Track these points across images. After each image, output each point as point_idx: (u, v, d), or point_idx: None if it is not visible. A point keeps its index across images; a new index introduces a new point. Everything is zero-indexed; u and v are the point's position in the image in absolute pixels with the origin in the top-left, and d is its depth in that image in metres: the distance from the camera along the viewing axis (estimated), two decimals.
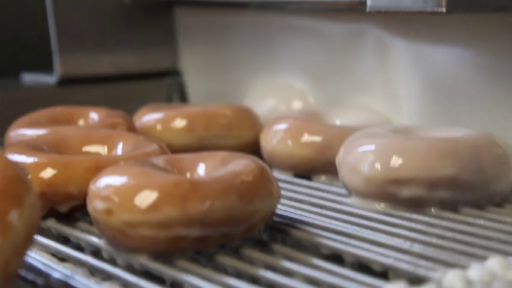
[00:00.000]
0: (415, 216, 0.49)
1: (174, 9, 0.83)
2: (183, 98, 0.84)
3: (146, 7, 0.81)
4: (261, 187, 0.45)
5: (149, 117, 0.64)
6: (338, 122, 0.63)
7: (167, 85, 0.84)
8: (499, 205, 0.50)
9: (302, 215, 0.50)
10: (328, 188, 0.56)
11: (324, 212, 0.51)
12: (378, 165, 0.50)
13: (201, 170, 0.47)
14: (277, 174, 0.60)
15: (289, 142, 0.59)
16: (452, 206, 0.49)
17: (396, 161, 0.49)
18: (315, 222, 0.48)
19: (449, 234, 0.45)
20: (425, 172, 0.49)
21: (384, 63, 0.64)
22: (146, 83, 0.82)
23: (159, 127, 0.63)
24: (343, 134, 0.57)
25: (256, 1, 0.70)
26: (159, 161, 0.47)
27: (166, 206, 0.42)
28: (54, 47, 0.77)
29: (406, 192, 0.49)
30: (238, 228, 0.44)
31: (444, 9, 0.47)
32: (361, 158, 0.51)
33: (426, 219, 0.48)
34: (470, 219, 0.48)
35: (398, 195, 0.50)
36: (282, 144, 0.59)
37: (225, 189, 0.43)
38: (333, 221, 0.49)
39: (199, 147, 0.62)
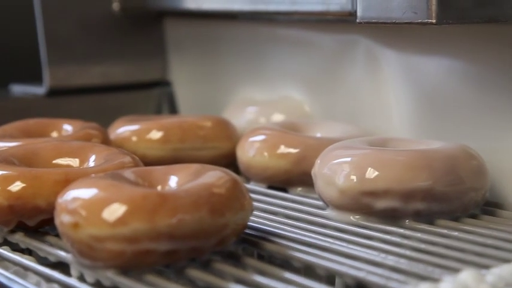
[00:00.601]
0: (390, 228, 0.48)
1: (164, 20, 0.83)
2: (172, 108, 0.84)
3: (136, 18, 0.81)
4: (233, 200, 0.44)
5: (124, 129, 0.63)
6: (318, 135, 0.63)
7: (157, 96, 0.83)
8: (475, 216, 0.50)
9: (276, 228, 0.49)
10: (304, 200, 0.56)
11: (298, 224, 0.50)
12: (352, 177, 0.49)
13: (173, 182, 0.47)
14: (253, 186, 0.60)
15: (265, 154, 0.58)
16: (427, 217, 0.49)
17: (371, 173, 0.49)
18: (288, 235, 0.48)
19: (423, 246, 0.45)
20: (400, 184, 0.48)
21: (374, 74, 0.64)
22: (136, 93, 0.82)
23: (134, 139, 0.62)
24: (320, 145, 0.56)
25: (246, 12, 0.70)
26: (130, 173, 0.47)
27: (134, 220, 0.41)
28: (43, 58, 0.77)
29: (381, 204, 0.49)
30: (209, 241, 0.43)
31: (434, 21, 0.47)
32: (336, 170, 0.50)
33: (401, 231, 0.48)
34: (445, 231, 0.47)
35: (373, 207, 0.49)
36: (258, 156, 0.59)
37: (195, 202, 0.42)
38: (307, 234, 0.48)
39: (175, 159, 0.61)
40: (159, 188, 0.46)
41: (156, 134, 0.62)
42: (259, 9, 0.66)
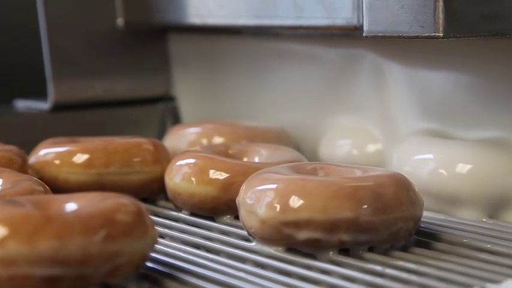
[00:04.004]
0: (311, 262, 0.44)
1: (169, 35, 0.81)
2: (177, 123, 0.81)
3: (140, 33, 0.80)
4: (129, 227, 0.40)
5: (46, 151, 0.58)
6: (256, 159, 0.59)
7: (161, 110, 0.82)
8: (405, 249, 0.46)
9: (188, 262, 0.44)
10: (230, 229, 0.51)
11: (215, 258, 0.46)
12: (273, 206, 0.45)
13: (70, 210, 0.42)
14: (178, 214, 0.55)
15: (193, 179, 0.54)
16: (353, 249, 0.45)
17: (293, 202, 0.45)
18: (198, 271, 0.43)
19: (342, 283, 0.40)
20: (323, 214, 0.44)
21: (380, 88, 0.62)
22: (140, 108, 0.80)
23: (56, 162, 0.58)
24: (250, 171, 0.52)
25: (251, 27, 0.68)
26: (26, 200, 0.42)
27: (11, 241, 0.37)
28: (47, 73, 0.75)
29: (303, 235, 0.44)
30: (99, 270, 0.39)
31: (441, 34, 0.46)
32: (258, 198, 0.46)
33: (322, 265, 0.43)
34: (370, 266, 0.43)
35: (295, 238, 0.45)
36: (184, 182, 0.54)
37: (83, 225, 0.38)
38: (220, 269, 0.43)
39: (100, 184, 0.57)
40: None
41: (79, 158, 0.57)
42: (264, 24, 0.65)
